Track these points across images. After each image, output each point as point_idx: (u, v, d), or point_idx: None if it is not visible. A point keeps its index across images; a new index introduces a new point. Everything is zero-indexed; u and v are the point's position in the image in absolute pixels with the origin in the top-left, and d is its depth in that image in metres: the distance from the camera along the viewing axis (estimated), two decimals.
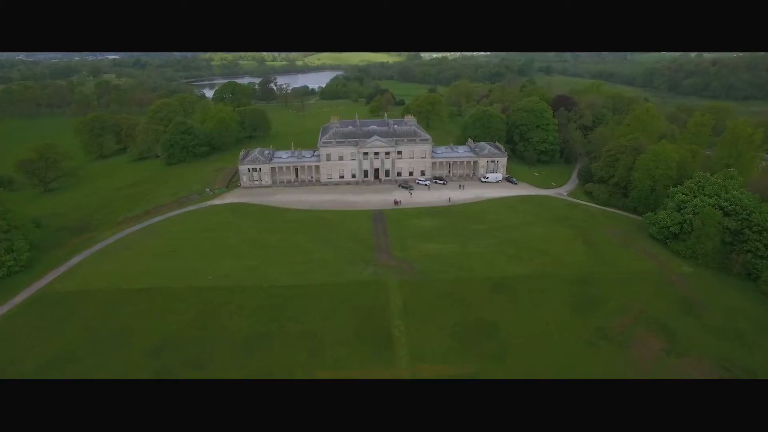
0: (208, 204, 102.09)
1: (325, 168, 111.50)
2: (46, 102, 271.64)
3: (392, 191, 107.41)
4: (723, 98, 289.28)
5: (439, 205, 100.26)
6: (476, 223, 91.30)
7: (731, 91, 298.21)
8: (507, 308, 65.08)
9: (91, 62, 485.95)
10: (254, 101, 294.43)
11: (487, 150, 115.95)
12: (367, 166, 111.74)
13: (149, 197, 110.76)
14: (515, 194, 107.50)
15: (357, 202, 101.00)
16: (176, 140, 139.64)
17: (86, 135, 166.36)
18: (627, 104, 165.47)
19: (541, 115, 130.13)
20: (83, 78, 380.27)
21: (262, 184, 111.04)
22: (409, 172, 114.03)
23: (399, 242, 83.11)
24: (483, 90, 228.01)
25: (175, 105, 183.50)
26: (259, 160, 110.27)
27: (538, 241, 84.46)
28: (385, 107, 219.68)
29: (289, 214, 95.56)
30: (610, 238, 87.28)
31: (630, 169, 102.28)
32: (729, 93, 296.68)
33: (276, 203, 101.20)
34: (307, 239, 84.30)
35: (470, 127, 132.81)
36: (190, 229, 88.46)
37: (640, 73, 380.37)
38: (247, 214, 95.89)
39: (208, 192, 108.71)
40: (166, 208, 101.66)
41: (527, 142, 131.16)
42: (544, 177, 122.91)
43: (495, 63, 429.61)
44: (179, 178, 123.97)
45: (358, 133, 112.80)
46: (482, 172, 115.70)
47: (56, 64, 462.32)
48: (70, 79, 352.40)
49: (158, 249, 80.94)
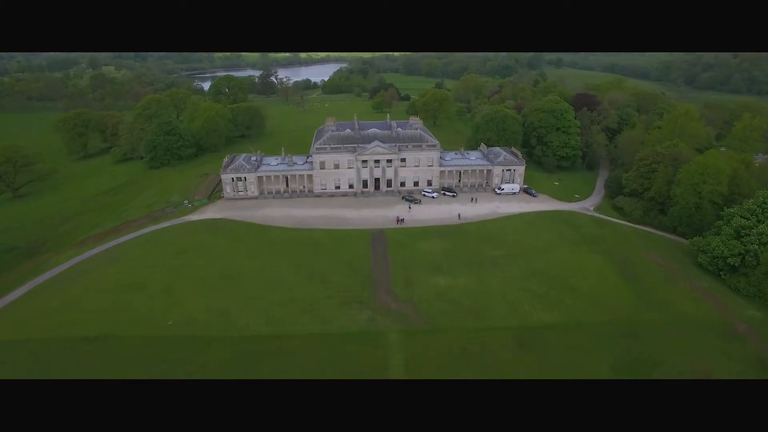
0: (185, 220, 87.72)
1: (318, 177, 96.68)
2: (38, 95, 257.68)
3: (394, 205, 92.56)
4: (745, 92, 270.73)
5: (448, 222, 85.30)
6: (493, 247, 76.44)
7: (754, 84, 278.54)
8: (535, 370, 50.55)
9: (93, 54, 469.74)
10: (254, 95, 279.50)
11: (502, 157, 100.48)
12: (367, 175, 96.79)
13: (122, 209, 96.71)
14: (535, 209, 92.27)
15: (353, 219, 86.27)
16: (159, 142, 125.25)
17: (68, 133, 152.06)
18: (653, 102, 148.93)
19: (561, 116, 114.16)
20: (81, 70, 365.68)
21: (247, 195, 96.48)
22: (414, 181, 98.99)
23: (401, 273, 68.57)
24: (493, 85, 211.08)
25: (166, 101, 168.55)
26: (244, 168, 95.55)
27: (567, 272, 69.61)
28: (389, 103, 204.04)
29: (274, 234, 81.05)
30: (652, 269, 72.21)
31: (670, 183, 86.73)
32: (751, 87, 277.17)
33: (261, 219, 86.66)
34: (291, 268, 69.90)
35: (483, 128, 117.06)
36: (156, 254, 74.23)
37: (654, 67, 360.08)
38: (225, 233, 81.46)
39: (187, 204, 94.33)
40: (137, 224, 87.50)
41: (546, 147, 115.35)
42: (566, 187, 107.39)
43: (503, 56, 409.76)
44: (159, 185, 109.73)
45: (356, 138, 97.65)
46: (497, 183, 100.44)
47: (56, 55, 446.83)
48: (67, 71, 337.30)
49: (115, 280, 66.87)
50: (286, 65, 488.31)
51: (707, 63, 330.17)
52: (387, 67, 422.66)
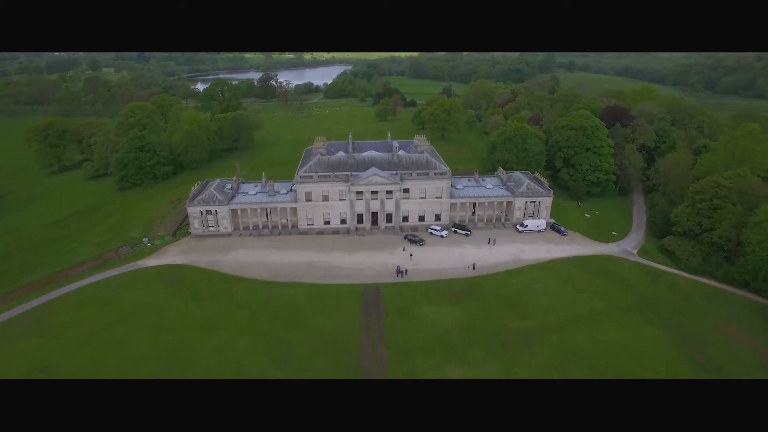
0: (139, 265, 70.17)
1: (304, 211, 78.75)
2: (28, 99, 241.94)
3: (394, 247, 74.34)
4: None
5: (460, 273, 67.06)
6: (519, 315, 58.22)
7: None
8: None
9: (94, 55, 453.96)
10: (254, 99, 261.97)
11: (525, 186, 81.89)
12: (362, 208, 78.66)
13: (70, 246, 79.57)
14: (567, 253, 73.69)
15: (344, 269, 68.22)
16: (130, 159, 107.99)
17: (39, 144, 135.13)
18: (688, 114, 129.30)
19: (593, 134, 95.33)
20: (80, 72, 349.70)
21: (219, 231, 78.79)
22: (420, 216, 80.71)
23: (401, 360, 50.58)
24: (505, 92, 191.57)
25: (151, 109, 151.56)
26: (215, 199, 77.77)
27: (620, 357, 51.36)
28: (393, 110, 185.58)
29: (243, 291, 63.23)
30: (734, 350, 53.70)
31: (740, 225, 68.05)
32: None
33: (230, 267, 68.94)
34: (258, 348, 52.11)
35: (500, 148, 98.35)
36: (88, 322, 56.63)
37: (671, 70, 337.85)
38: (182, 289, 63.72)
39: (146, 243, 76.82)
40: (80, 270, 70.21)
41: (574, 170, 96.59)
42: (599, 220, 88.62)
43: (513, 58, 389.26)
44: (121, 214, 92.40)
45: (349, 164, 79.44)
46: (519, 217, 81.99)
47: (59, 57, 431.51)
48: (63, 73, 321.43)
49: (22, 365, 49.49)
50: (290, 67, 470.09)
51: (729, 66, 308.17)
52: (392, 69, 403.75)
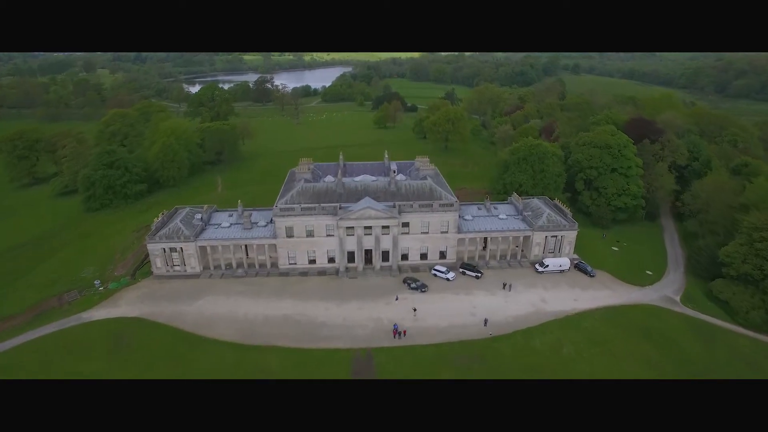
0: (84, 318, 57.41)
1: (285, 248, 65.97)
2: (14, 103, 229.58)
3: (391, 294, 61.45)
4: None
5: (471, 334, 54.06)
6: None
7: None
8: None
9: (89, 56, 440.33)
10: (249, 103, 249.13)
11: (544, 218, 68.89)
12: (353, 245, 65.80)
13: (9, 287, 67.05)
14: (597, 302, 60.72)
15: (330, 326, 55.35)
16: (97, 178, 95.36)
17: (7, 156, 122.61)
18: (718, 125, 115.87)
19: (619, 153, 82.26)
20: (73, 74, 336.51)
21: (186, 271, 66.11)
22: (422, 253, 67.87)
23: None
24: (512, 97, 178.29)
25: (134, 116, 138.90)
26: (180, 233, 65.01)
27: None
28: (393, 116, 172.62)
29: (204, 355, 50.43)
30: None
31: None
32: None
33: (193, 321, 56.14)
34: None
35: (513, 168, 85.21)
36: None
37: (680, 73, 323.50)
38: (129, 356, 50.84)
39: (98, 287, 64.11)
40: (11, 325, 57.61)
41: (597, 193, 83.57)
42: (629, 254, 75.49)
43: (516, 60, 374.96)
44: (79, 244, 79.74)
45: (338, 193, 66.57)
46: (537, 254, 69.14)
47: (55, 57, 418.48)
48: (54, 75, 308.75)
49: None
50: (289, 69, 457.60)
51: (740, 69, 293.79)
52: (393, 71, 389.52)
